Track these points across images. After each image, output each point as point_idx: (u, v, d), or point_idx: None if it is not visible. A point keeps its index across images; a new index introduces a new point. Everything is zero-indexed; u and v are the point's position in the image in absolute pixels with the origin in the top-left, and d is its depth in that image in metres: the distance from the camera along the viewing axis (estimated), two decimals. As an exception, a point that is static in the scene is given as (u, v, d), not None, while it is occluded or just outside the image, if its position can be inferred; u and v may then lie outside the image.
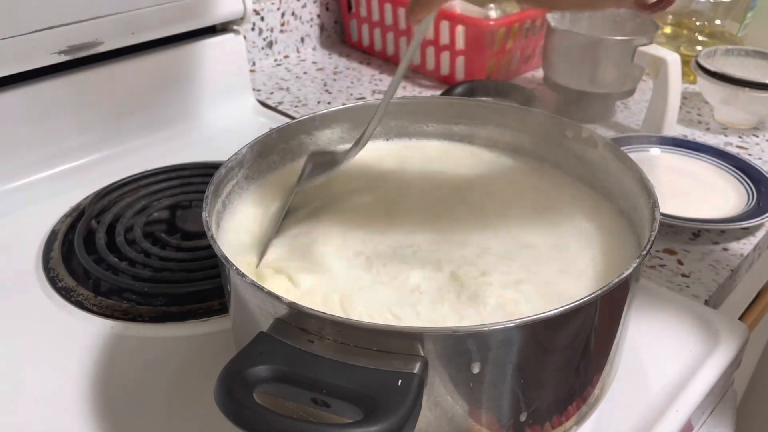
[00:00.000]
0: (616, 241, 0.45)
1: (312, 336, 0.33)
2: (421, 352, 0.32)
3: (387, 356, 0.32)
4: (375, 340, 0.32)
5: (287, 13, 0.98)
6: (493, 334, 0.33)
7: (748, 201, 0.66)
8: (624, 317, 0.39)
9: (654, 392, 0.45)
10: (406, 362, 0.31)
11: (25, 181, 0.67)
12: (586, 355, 0.37)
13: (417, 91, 0.92)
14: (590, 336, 0.37)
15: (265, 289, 0.34)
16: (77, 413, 0.44)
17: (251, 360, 0.32)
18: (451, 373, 0.33)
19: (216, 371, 0.31)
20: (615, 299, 0.37)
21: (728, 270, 0.59)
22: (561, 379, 0.37)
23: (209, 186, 0.43)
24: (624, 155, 0.46)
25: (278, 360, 0.32)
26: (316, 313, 0.32)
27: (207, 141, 0.76)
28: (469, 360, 0.33)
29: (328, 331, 0.33)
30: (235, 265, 0.35)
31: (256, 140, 0.49)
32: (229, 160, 0.46)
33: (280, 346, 0.32)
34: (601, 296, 0.34)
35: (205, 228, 0.38)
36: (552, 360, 0.36)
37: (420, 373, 0.31)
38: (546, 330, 0.34)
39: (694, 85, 0.90)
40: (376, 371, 0.31)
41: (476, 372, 0.33)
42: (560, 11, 0.82)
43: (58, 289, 0.54)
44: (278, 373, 0.31)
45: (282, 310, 0.34)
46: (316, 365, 0.32)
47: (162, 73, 0.75)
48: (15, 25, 0.61)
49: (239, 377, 0.31)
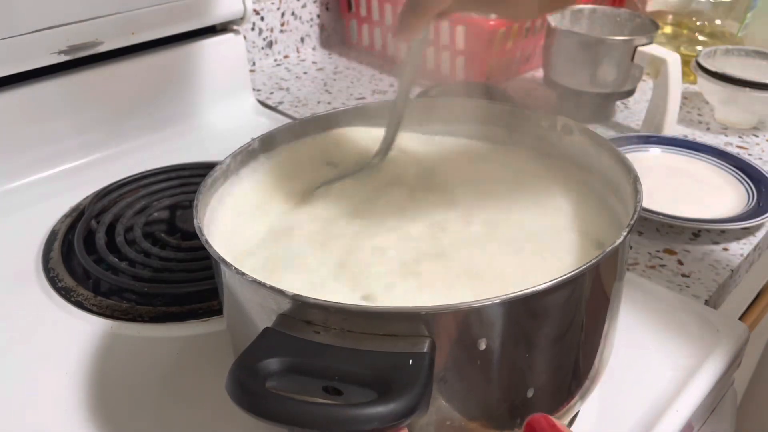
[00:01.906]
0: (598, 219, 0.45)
1: (318, 327, 0.33)
2: (427, 332, 0.32)
3: (394, 339, 0.32)
4: (380, 324, 0.32)
5: (287, 13, 0.98)
6: (494, 308, 0.33)
7: (748, 201, 0.66)
8: (614, 289, 0.39)
9: (654, 392, 0.45)
10: (414, 343, 0.32)
11: (25, 181, 0.67)
12: (584, 327, 0.38)
13: (417, 91, 0.92)
14: (586, 307, 0.37)
15: (268, 285, 0.33)
16: (77, 413, 0.44)
17: (260, 354, 0.32)
18: (458, 351, 0.34)
19: (216, 371, 0.31)
20: (608, 269, 0.38)
21: (728, 270, 0.59)
22: (563, 352, 0.38)
23: (197, 195, 0.42)
24: (600, 138, 0.47)
25: (287, 352, 0.32)
26: (320, 302, 0.32)
27: (207, 141, 0.76)
28: (474, 336, 0.33)
29: (333, 320, 0.33)
30: (233, 264, 0.35)
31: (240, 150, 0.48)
32: (214, 171, 0.46)
33: (287, 339, 0.32)
34: (600, 261, 0.34)
35: (198, 233, 0.39)
36: (555, 333, 0.36)
37: (429, 351, 0.32)
38: (546, 300, 0.34)
39: (694, 85, 0.90)
40: (386, 354, 0.31)
41: (483, 348, 0.33)
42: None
43: (58, 289, 0.54)
44: (288, 365, 0.31)
45: (285, 304, 0.34)
46: (325, 353, 0.32)
47: (162, 73, 0.75)
48: (15, 25, 0.61)
49: (251, 370, 0.31)
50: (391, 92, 0.92)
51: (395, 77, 0.45)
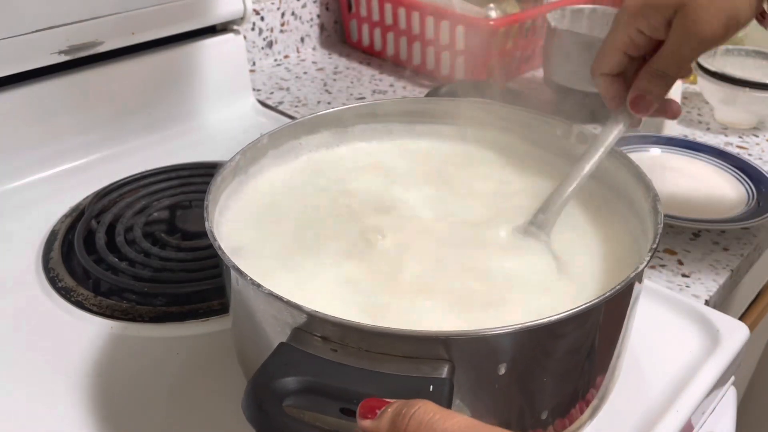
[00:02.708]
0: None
1: (334, 344, 0.32)
2: (447, 356, 0.32)
3: (413, 362, 0.31)
4: (399, 346, 0.32)
5: (287, 13, 0.98)
6: (517, 335, 0.32)
7: (748, 201, 0.66)
8: (630, 312, 0.39)
9: (654, 392, 0.45)
10: (434, 367, 0.31)
11: (25, 181, 0.67)
12: (597, 350, 0.38)
13: (417, 91, 0.92)
14: (604, 331, 0.37)
15: (285, 299, 0.33)
16: (77, 413, 0.44)
17: (277, 372, 0.31)
18: (478, 376, 0.33)
19: (216, 371, 0.31)
20: (623, 296, 0.38)
21: (728, 270, 0.59)
22: (579, 375, 0.37)
23: (207, 195, 0.42)
24: (619, 151, 0.46)
25: (305, 371, 0.31)
26: (338, 320, 0.32)
27: (207, 141, 0.76)
28: (495, 361, 0.33)
29: (351, 338, 0.32)
30: (249, 275, 0.34)
31: (249, 146, 0.48)
32: (224, 168, 0.45)
33: (304, 357, 0.32)
34: (623, 288, 0.34)
35: (211, 239, 0.37)
36: (574, 357, 0.36)
37: (449, 377, 0.31)
38: (566, 329, 0.34)
39: (694, 85, 0.90)
40: (405, 378, 0.31)
41: (502, 373, 0.33)
42: None
43: (58, 289, 0.54)
44: (306, 385, 0.31)
45: (301, 319, 0.33)
46: (343, 374, 0.31)
47: (162, 73, 0.75)
48: (15, 25, 0.61)
49: (268, 390, 0.30)
50: (391, 92, 0.92)
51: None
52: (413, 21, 0.92)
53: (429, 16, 0.90)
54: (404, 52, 0.97)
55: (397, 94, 0.91)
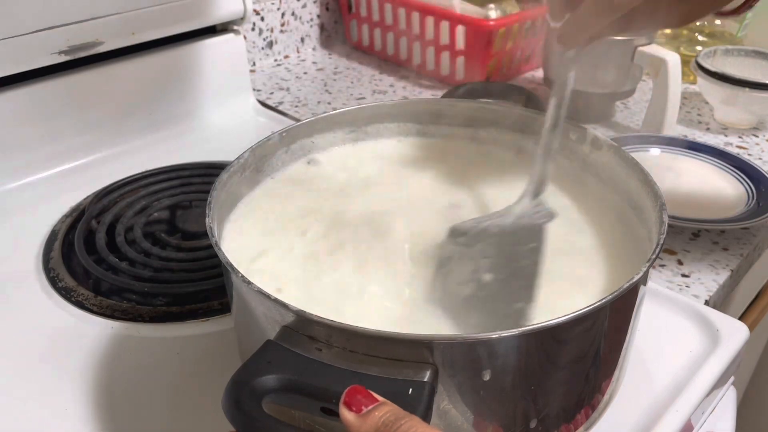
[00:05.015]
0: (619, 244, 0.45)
1: (320, 344, 0.32)
2: (431, 359, 0.32)
3: (396, 364, 0.31)
4: (384, 347, 0.32)
5: (287, 13, 0.98)
6: (503, 341, 0.32)
7: (748, 201, 0.66)
8: (633, 321, 0.39)
9: (654, 392, 0.45)
10: (416, 370, 0.31)
11: (25, 181, 0.67)
12: (596, 361, 0.37)
13: (417, 91, 0.92)
14: (600, 341, 0.36)
15: (273, 297, 0.33)
16: (77, 413, 0.44)
17: (259, 369, 0.31)
18: (462, 381, 0.33)
19: (216, 371, 0.31)
20: (625, 304, 0.37)
21: (728, 270, 0.60)
22: (571, 385, 0.37)
23: (212, 191, 0.42)
24: (630, 157, 0.46)
25: (286, 369, 0.31)
26: (324, 320, 0.32)
27: (207, 141, 0.76)
28: (479, 367, 0.33)
29: (336, 338, 0.32)
30: (240, 272, 0.35)
31: (258, 144, 0.48)
32: (231, 165, 0.46)
33: (288, 355, 0.32)
34: (611, 301, 0.33)
35: (210, 234, 0.38)
36: (562, 366, 0.35)
37: (430, 381, 0.31)
38: (556, 336, 0.34)
39: (694, 85, 0.90)
40: (385, 380, 0.31)
41: (487, 379, 0.33)
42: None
43: (58, 289, 0.54)
44: (287, 383, 0.31)
45: (289, 318, 0.33)
46: (325, 374, 0.31)
47: (162, 74, 0.75)
48: (15, 25, 0.61)
49: (247, 387, 0.30)
50: (391, 92, 0.92)
51: (545, 104, 0.45)
52: (413, 21, 0.92)
53: (429, 16, 0.90)
54: (404, 52, 0.97)
55: (397, 94, 0.91)
